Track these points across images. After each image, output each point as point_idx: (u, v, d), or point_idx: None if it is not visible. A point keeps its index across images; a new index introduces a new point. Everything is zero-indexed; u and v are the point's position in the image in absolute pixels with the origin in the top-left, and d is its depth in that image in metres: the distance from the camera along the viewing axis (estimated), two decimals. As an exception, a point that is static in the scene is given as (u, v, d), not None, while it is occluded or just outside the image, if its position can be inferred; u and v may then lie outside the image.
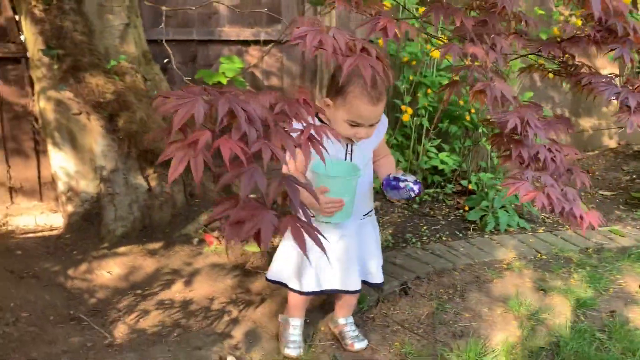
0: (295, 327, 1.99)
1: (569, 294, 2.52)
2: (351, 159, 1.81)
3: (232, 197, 0.92)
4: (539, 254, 2.95)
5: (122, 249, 2.62)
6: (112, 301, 2.25)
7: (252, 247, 2.79)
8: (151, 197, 2.76)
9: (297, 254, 1.87)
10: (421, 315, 2.30)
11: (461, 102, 3.47)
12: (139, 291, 2.33)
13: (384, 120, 1.86)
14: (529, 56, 2.01)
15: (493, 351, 2.06)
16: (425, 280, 2.59)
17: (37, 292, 2.24)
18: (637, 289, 2.62)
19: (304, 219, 0.91)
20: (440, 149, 3.61)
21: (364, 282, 1.97)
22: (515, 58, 1.99)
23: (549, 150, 1.70)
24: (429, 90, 3.39)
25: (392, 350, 2.05)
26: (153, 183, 2.77)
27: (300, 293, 1.88)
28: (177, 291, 2.36)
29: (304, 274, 1.86)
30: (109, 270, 2.46)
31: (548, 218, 3.55)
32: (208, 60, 3.28)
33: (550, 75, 1.97)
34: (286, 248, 1.92)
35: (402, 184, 1.72)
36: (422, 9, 1.98)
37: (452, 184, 3.68)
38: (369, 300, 2.34)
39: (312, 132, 1.08)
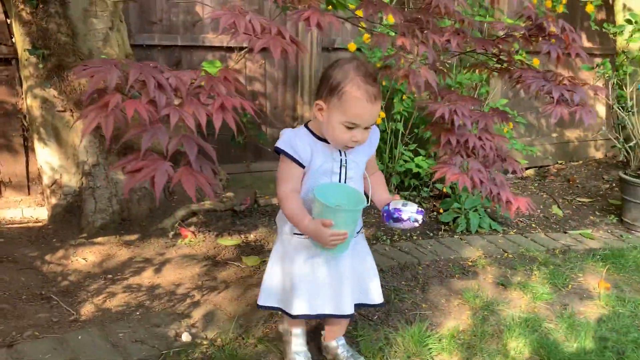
0: (297, 337, 1.89)
1: (527, 289, 2.60)
2: (346, 172, 1.66)
3: (137, 151, 1.05)
4: (506, 254, 3.03)
5: (99, 239, 2.76)
6: (83, 284, 2.37)
7: (225, 241, 2.92)
8: (131, 191, 2.90)
9: (284, 277, 1.74)
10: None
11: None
12: (109, 276, 2.46)
13: (376, 129, 1.75)
14: (476, 55, 2.14)
15: (438, 334, 2.14)
16: (388, 274, 2.69)
17: (13, 275, 2.37)
18: (595, 286, 2.69)
19: (197, 168, 1.03)
20: (417, 153, 3.72)
21: (362, 305, 1.81)
22: (455, 55, 2.11)
23: (479, 138, 1.81)
24: (404, 97, 3.52)
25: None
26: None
27: (292, 317, 1.71)
28: (146, 277, 2.48)
29: (295, 298, 1.69)
30: (85, 257, 2.60)
31: (521, 221, 3.64)
32: (192, 65, 3.44)
33: (495, 72, 2.08)
34: (272, 271, 1.78)
35: (404, 216, 1.62)
36: (352, 5, 2.10)
37: (428, 188, 3.78)
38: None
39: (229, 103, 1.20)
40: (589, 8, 3.04)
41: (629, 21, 3.67)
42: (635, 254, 3.07)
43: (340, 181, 1.66)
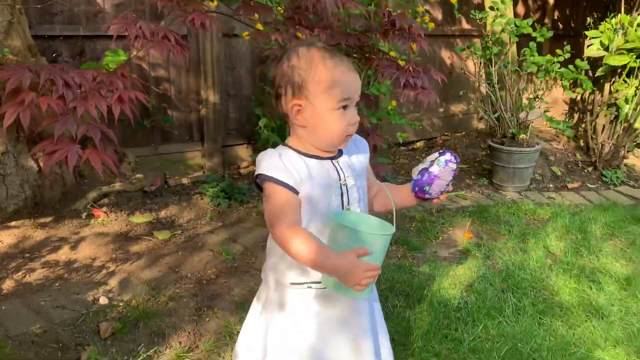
0: None
1: (404, 243, 3.06)
2: (347, 192, 1.31)
3: (51, 138, 1.32)
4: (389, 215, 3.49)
5: (13, 223, 2.92)
6: (2, 264, 2.56)
7: (137, 219, 3.17)
8: (41, 177, 3.06)
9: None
10: None
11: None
12: (27, 255, 2.65)
13: (360, 138, 1.44)
14: (345, 47, 2.51)
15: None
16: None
17: None
18: (461, 236, 3.20)
19: (101, 149, 1.32)
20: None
21: None
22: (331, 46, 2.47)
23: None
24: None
25: (246, 288, 2.49)
26: (42, 164, 3.07)
27: None
28: (62, 254, 2.69)
29: None
30: (1, 240, 2.76)
31: (407, 187, 4.12)
32: (96, 53, 3.60)
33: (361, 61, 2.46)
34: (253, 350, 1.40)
35: (435, 169, 1.31)
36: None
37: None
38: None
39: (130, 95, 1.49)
40: (453, -1, 3.51)
41: (491, 8, 4.20)
42: (496, 210, 3.63)
43: (343, 205, 1.30)
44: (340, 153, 1.35)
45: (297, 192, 1.25)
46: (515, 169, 4.07)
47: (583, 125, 4.86)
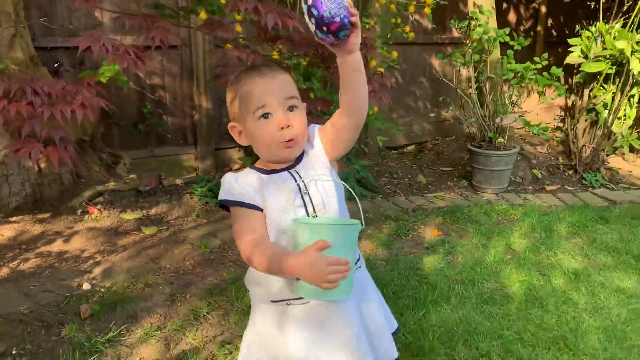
0: None
1: (374, 239, 3.27)
2: (311, 200, 1.29)
3: (19, 139, 1.57)
4: (367, 214, 3.70)
5: (14, 218, 3.20)
6: (0, 254, 2.83)
7: (128, 216, 3.43)
8: (41, 176, 3.35)
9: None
10: None
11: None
12: (24, 246, 2.93)
13: (310, 127, 1.38)
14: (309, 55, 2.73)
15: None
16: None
17: (-63, 249, 2.80)
18: (429, 235, 3.39)
19: (61, 147, 1.57)
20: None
21: None
22: (288, 58, 2.71)
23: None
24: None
25: (218, 277, 2.72)
26: (43, 165, 3.35)
27: None
28: (55, 246, 2.96)
29: None
30: (1, 233, 3.04)
31: (389, 188, 4.33)
32: (96, 63, 3.88)
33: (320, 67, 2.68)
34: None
35: None
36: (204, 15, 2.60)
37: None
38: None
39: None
40: (427, 10, 3.71)
41: (470, 18, 4.39)
42: (469, 210, 3.82)
43: (308, 214, 1.28)
44: (298, 160, 1.33)
45: (258, 209, 1.26)
46: (492, 171, 4.24)
47: (564, 129, 5.01)
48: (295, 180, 1.30)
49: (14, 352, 2.06)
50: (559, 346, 2.15)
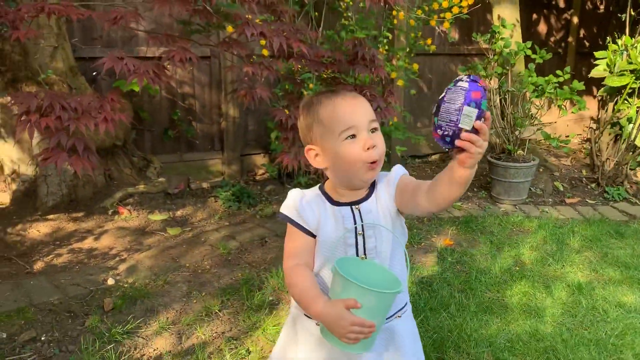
0: None
1: (386, 246, 3.38)
2: (364, 241, 1.32)
3: (47, 148, 1.77)
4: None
5: (51, 216, 3.46)
6: (37, 248, 3.09)
7: (155, 217, 3.66)
8: (76, 178, 3.61)
9: None
10: (267, 258, 3.16)
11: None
12: (58, 242, 3.18)
13: (397, 168, 1.38)
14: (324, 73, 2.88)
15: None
16: (282, 237, 3.45)
17: (-19, 243, 3.08)
18: (441, 243, 3.49)
19: (84, 156, 1.76)
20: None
21: None
22: (305, 74, 2.86)
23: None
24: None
25: (233, 278, 2.90)
26: (66, 167, 3.61)
27: None
28: (86, 243, 3.20)
29: None
30: (39, 230, 3.31)
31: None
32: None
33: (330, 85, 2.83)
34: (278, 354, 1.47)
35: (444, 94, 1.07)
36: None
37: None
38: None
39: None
40: (446, 25, 3.80)
41: (493, 32, 4.46)
42: (484, 220, 3.89)
43: (358, 254, 1.31)
44: (367, 196, 1.34)
45: (312, 235, 1.31)
46: (511, 183, 4.29)
47: (587, 144, 5.01)
48: (354, 220, 1.31)
49: (43, 338, 2.29)
50: (548, 356, 2.23)
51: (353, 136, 1.26)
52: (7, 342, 2.24)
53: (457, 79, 1.07)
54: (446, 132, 1.06)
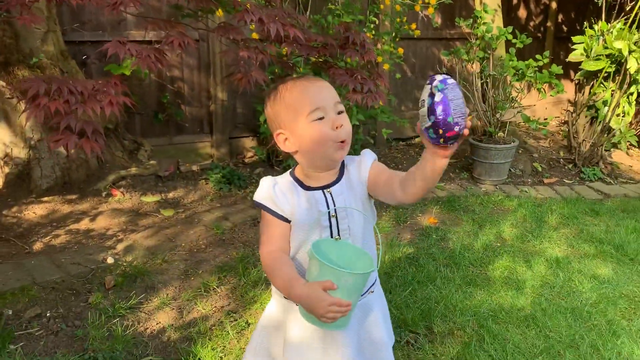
0: None
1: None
2: (337, 223, 1.37)
3: (58, 130, 1.85)
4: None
5: (46, 199, 3.52)
6: (34, 230, 3.15)
7: (148, 198, 3.74)
8: (69, 161, 3.67)
9: (273, 345, 1.51)
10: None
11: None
12: (54, 224, 3.25)
13: (366, 154, 1.44)
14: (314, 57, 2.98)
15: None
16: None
17: (-22, 225, 3.14)
18: (426, 222, 3.64)
19: (93, 139, 1.85)
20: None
21: None
22: (296, 58, 2.95)
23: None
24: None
25: (228, 256, 3.01)
26: (71, 150, 3.66)
27: None
28: (83, 224, 3.28)
29: None
30: (34, 212, 3.37)
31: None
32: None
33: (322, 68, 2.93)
34: (260, 334, 1.56)
35: (443, 95, 1.10)
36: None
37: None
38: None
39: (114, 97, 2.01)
40: (430, 10, 3.91)
41: (475, 17, 4.58)
42: (466, 200, 4.05)
43: (332, 236, 1.37)
44: (337, 179, 1.39)
45: (286, 220, 1.35)
46: (492, 164, 4.45)
47: (565, 126, 5.19)
48: (327, 203, 1.36)
49: (48, 314, 2.38)
50: (527, 324, 2.39)
51: (321, 118, 1.30)
52: (14, 319, 2.33)
53: (443, 78, 1.11)
54: (462, 126, 1.11)
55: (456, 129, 1.10)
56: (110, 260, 2.84)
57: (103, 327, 2.29)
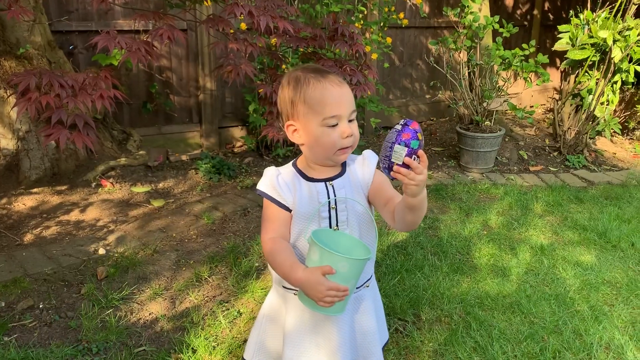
0: None
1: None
2: (336, 215, 1.42)
3: (49, 124, 1.86)
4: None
5: (35, 190, 3.52)
6: (24, 221, 3.16)
7: (138, 189, 3.75)
8: (59, 151, 3.66)
9: (272, 335, 1.56)
10: (250, 227, 3.30)
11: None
12: (45, 215, 3.25)
13: (369, 154, 1.49)
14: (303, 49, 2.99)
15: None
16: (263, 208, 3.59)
17: (-32, 217, 3.13)
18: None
19: (84, 133, 1.86)
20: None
21: None
22: (285, 49, 2.97)
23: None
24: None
25: (219, 246, 3.04)
26: (63, 146, 3.66)
27: None
28: (73, 215, 3.28)
29: None
30: (24, 203, 3.37)
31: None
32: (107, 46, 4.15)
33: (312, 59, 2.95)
34: (260, 324, 1.60)
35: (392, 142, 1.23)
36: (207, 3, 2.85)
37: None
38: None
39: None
40: (418, 1, 3.92)
41: (462, 6, 4.61)
42: (453, 188, 4.10)
43: (330, 227, 1.42)
44: (340, 174, 1.44)
45: (288, 210, 1.39)
46: (478, 152, 4.51)
47: (550, 114, 5.25)
48: (328, 195, 1.40)
49: (41, 306, 2.40)
50: (513, 310, 2.46)
51: (334, 125, 1.33)
52: (7, 310, 2.35)
53: (396, 123, 1.24)
54: (384, 165, 1.25)
55: (380, 164, 1.30)
56: (101, 251, 2.86)
57: (96, 318, 2.32)
